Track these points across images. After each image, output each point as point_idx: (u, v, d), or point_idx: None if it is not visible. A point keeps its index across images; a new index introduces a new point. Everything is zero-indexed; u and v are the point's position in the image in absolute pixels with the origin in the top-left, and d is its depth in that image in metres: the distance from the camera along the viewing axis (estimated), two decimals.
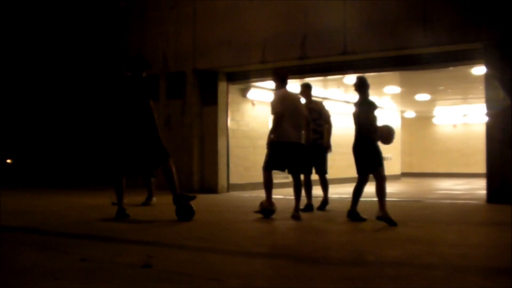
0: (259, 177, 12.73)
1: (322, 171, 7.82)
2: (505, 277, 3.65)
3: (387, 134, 6.31)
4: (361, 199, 6.46)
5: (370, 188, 6.35)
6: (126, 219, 6.45)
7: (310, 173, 7.64)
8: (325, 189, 7.85)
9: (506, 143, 8.36)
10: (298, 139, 6.75)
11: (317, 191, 7.84)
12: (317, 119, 7.63)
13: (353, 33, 9.55)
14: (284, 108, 6.64)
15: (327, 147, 7.76)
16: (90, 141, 7.85)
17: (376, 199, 6.12)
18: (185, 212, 6.39)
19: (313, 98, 7.97)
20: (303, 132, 6.87)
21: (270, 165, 6.73)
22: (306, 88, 7.91)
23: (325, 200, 7.80)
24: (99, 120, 7.54)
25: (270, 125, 13.64)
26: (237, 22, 10.94)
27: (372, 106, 6.48)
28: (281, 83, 6.93)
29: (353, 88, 6.62)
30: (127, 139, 6.53)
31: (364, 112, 6.37)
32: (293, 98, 6.90)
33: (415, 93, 15.76)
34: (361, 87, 6.46)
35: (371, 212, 6.36)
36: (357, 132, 6.39)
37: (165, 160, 6.50)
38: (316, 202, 7.75)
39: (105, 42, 13.02)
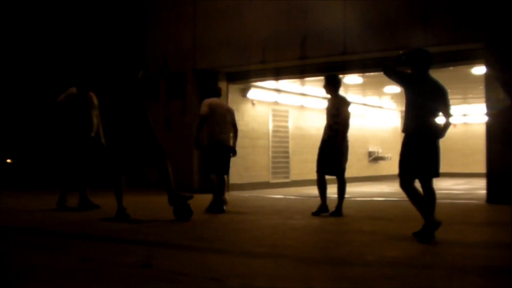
0: (258, 177, 12.85)
1: (336, 171, 7.12)
2: (505, 277, 3.65)
3: None
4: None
5: (372, 189, 6.31)
6: (126, 219, 6.45)
7: (319, 172, 7.15)
8: (340, 192, 7.10)
9: (506, 143, 8.35)
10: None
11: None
12: (334, 115, 7.10)
13: (353, 33, 9.55)
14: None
15: (339, 146, 7.03)
16: (89, 142, 7.97)
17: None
18: (183, 212, 6.39)
19: (338, 93, 7.30)
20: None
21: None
22: (325, 81, 7.36)
23: (339, 206, 7.07)
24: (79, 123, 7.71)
25: (270, 125, 13.61)
26: (237, 22, 10.95)
27: None
28: None
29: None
30: (125, 139, 6.53)
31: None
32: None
33: None
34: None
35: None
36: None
37: (163, 160, 6.50)
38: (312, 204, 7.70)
39: (105, 42, 13.01)
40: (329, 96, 7.42)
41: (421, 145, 5.09)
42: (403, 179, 5.18)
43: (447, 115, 5.21)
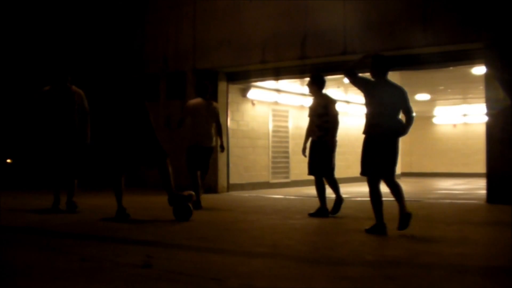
0: (258, 177, 12.84)
1: (325, 171, 7.06)
2: (505, 277, 3.65)
3: None
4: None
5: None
6: (126, 219, 6.45)
7: (311, 173, 7.13)
8: (334, 189, 7.08)
9: (506, 143, 8.36)
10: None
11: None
12: (323, 115, 7.04)
13: (353, 33, 9.56)
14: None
15: (329, 145, 6.99)
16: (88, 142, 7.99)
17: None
18: (183, 212, 6.39)
19: (323, 92, 7.18)
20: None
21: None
22: (310, 80, 7.24)
23: (338, 200, 7.09)
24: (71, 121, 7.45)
25: (270, 125, 13.57)
26: (237, 22, 10.94)
27: None
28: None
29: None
30: (125, 139, 6.53)
31: None
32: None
33: (415, 93, 15.77)
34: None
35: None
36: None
37: (163, 160, 6.50)
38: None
39: (105, 43, 13.01)
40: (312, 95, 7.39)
41: (381, 145, 5.44)
42: (370, 178, 5.53)
43: (408, 112, 5.50)
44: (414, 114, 5.56)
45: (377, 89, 5.52)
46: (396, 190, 5.45)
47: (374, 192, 5.51)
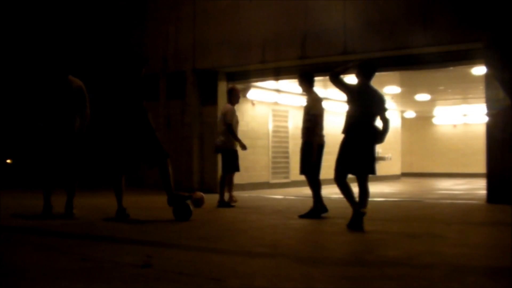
0: (258, 177, 12.84)
1: (307, 170, 6.97)
2: (505, 277, 3.65)
3: None
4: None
5: (372, 189, 6.23)
6: (126, 219, 6.45)
7: (302, 173, 7.09)
8: (314, 193, 6.95)
9: (506, 143, 8.36)
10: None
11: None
12: (308, 114, 6.88)
13: (353, 33, 9.56)
14: None
15: (312, 145, 6.79)
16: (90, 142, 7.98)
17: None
18: (182, 212, 6.39)
19: (313, 90, 7.07)
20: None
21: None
22: (300, 78, 7.16)
23: (315, 209, 6.90)
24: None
25: (270, 125, 13.55)
26: (237, 22, 10.95)
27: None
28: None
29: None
30: (125, 139, 6.53)
31: None
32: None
33: (415, 93, 15.77)
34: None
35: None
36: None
37: (163, 160, 6.50)
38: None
39: (106, 43, 13.01)
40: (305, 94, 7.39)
41: (359, 145, 5.70)
42: (338, 174, 5.79)
43: (385, 120, 5.80)
44: (389, 121, 5.86)
45: (360, 92, 5.82)
46: (362, 192, 5.78)
47: (345, 187, 5.77)
